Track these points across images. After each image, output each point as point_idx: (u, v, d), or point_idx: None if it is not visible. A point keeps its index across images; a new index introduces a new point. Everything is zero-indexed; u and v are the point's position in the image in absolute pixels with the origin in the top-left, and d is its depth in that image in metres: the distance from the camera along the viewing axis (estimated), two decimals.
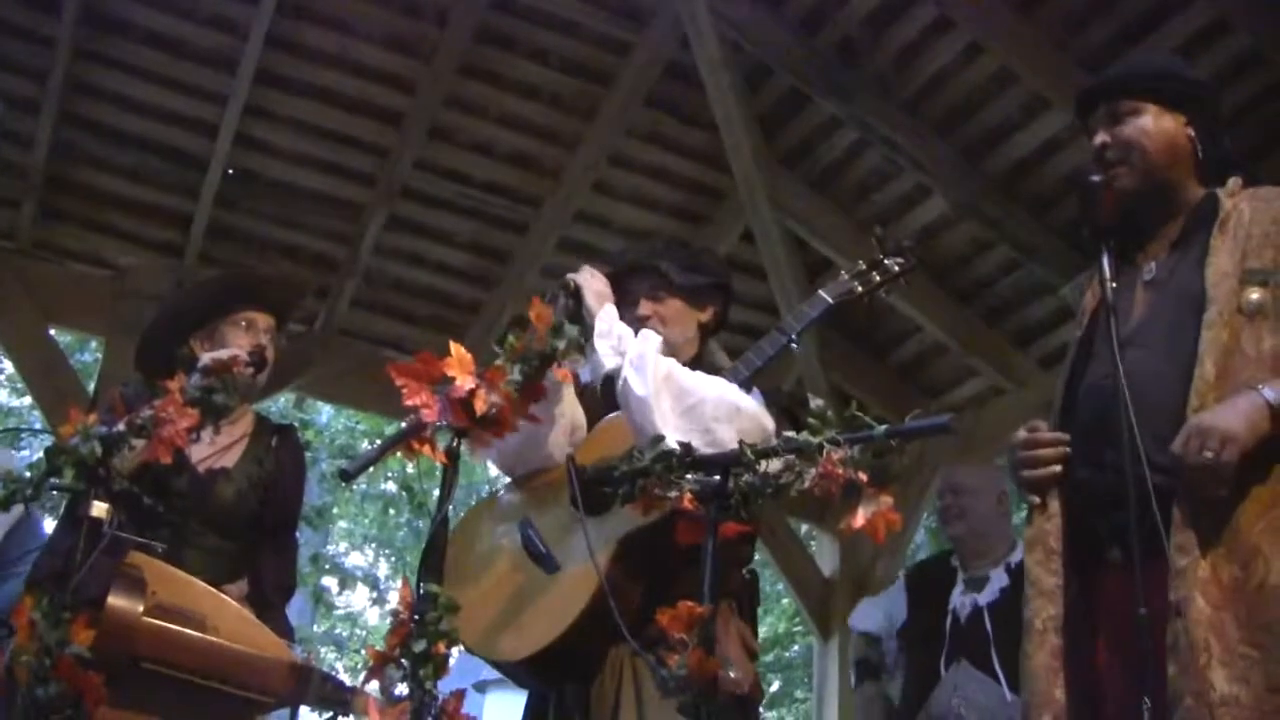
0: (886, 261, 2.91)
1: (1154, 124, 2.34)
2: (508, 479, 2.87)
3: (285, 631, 2.87)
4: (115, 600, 2.38)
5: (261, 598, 2.97)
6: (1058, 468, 2.24)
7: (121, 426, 2.36)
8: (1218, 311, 2.13)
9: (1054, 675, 2.17)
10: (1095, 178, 2.31)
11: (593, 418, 2.74)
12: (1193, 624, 1.96)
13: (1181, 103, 2.37)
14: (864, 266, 2.91)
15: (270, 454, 3.13)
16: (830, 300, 2.83)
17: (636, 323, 2.74)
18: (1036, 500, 2.26)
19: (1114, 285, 2.20)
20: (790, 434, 2.04)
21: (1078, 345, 2.39)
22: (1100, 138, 2.37)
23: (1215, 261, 2.19)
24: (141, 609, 2.41)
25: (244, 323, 3.08)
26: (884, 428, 1.99)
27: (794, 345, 2.75)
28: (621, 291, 2.77)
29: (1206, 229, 2.25)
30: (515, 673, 2.67)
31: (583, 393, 2.74)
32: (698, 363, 2.75)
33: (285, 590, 3.11)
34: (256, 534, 3.07)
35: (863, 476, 1.94)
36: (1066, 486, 2.25)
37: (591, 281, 2.68)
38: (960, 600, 3.86)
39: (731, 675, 2.05)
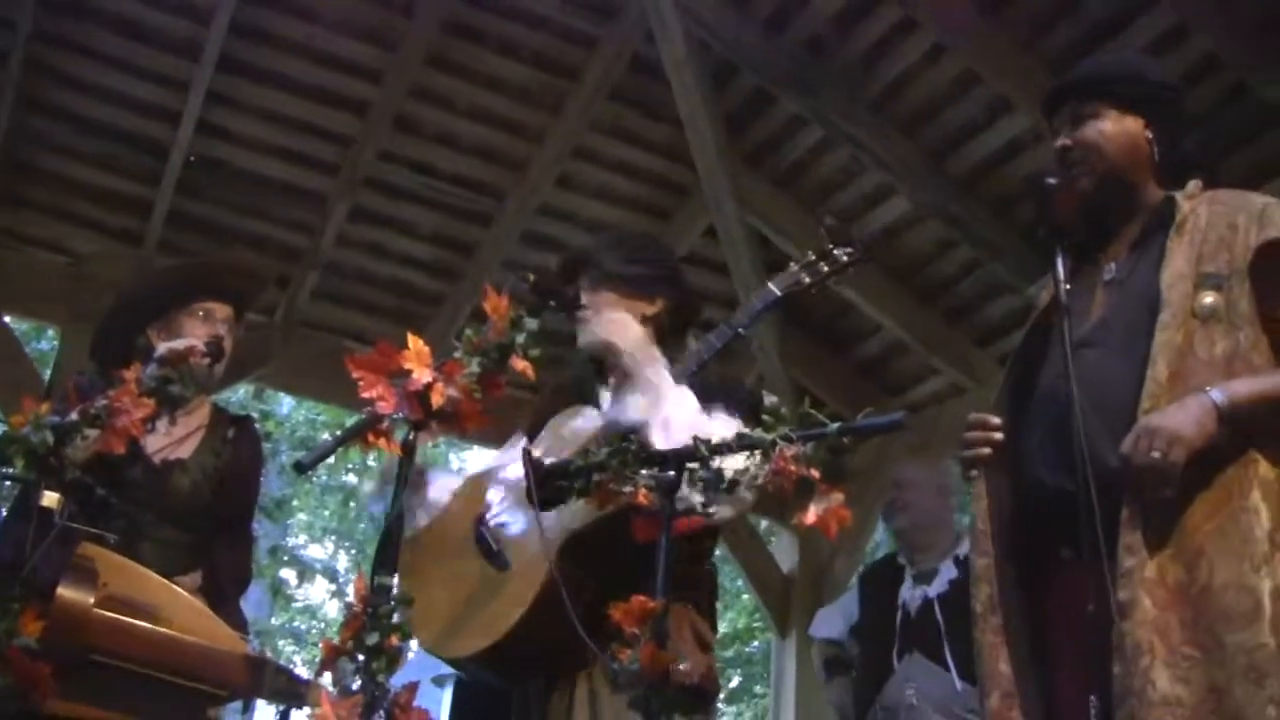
0: (836, 252, 2.87)
1: (1113, 127, 2.35)
2: (470, 472, 2.86)
3: (240, 624, 2.85)
4: (66, 591, 2.34)
5: (216, 590, 2.95)
6: (986, 450, 2.26)
7: (75, 416, 2.34)
8: (1171, 314, 2.14)
9: (996, 651, 2.19)
10: (1051, 180, 2.33)
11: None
12: (1137, 624, 1.98)
13: (1142, 105, 2.38)
14: (813, 257, 2.88)
15: (227, 445, 3.11)
16: (778, 292, 2.77)
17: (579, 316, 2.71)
18: (973, 474, 2.29)
19: (1068, 287, 2.21)
20: (743, 430, 2.04)
21: (1025, 345, 2.40)
22: (1062, 140, 2.39)
23: (1171, 264, 2.20)
24: (93, 600, 2.36)
25: (202, 313, 3.05)
26: (837, 425, 1.99)
27: (741, 334, 2.72)
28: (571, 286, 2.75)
29: (1164, 231, 2.26)
30: (470, 670, 2.66)
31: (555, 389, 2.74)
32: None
33: (240, 582, 3.09)
34: (212, 526, 3.05)
35: (815, 473, 1.95)
36: (1021, 485, 2.26)
37: (627, 333, 2.60)
38: (910, 594, 3.90)
39: (681, 667, 2.05)
